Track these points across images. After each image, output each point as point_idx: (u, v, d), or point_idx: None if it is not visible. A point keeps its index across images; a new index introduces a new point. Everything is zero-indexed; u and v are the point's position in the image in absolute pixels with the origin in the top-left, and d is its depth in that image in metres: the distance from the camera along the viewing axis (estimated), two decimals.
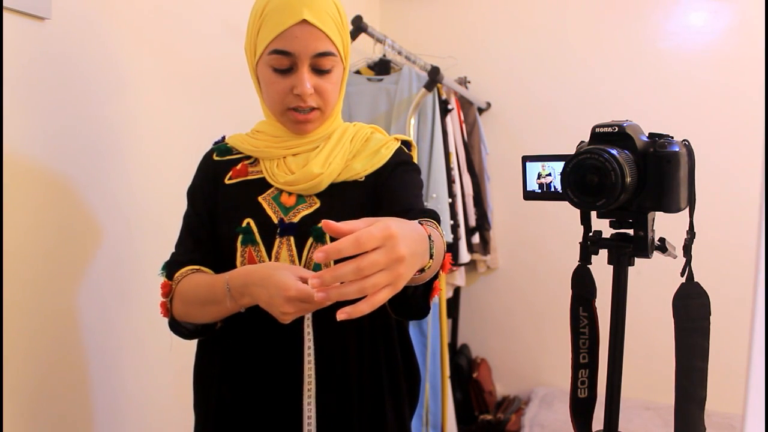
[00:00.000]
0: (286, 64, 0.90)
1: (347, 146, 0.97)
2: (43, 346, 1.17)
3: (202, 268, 0.96)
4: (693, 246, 0.83)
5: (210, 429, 0.99)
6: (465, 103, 2.57)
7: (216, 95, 1.63)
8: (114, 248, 1.33)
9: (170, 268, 0.98)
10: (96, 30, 1.27)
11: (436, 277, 0.84)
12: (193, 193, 1.04)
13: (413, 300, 0.87)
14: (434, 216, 0.90)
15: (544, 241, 2.65)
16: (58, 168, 1.18)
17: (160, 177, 1.44)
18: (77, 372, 1.25)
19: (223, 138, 1.07)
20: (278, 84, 0.92)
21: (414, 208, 0.91)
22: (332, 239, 0.89)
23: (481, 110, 2.70)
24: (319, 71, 0.92)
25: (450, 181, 2.15)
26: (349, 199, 0.95)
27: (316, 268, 0.91)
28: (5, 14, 1.05)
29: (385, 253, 0.57)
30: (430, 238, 0.69)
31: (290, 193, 0.95)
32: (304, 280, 0.78)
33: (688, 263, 0.82)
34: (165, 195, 1.43)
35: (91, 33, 1.25)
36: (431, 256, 0.69)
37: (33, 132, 1.12)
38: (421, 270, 0.69)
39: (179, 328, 0.97)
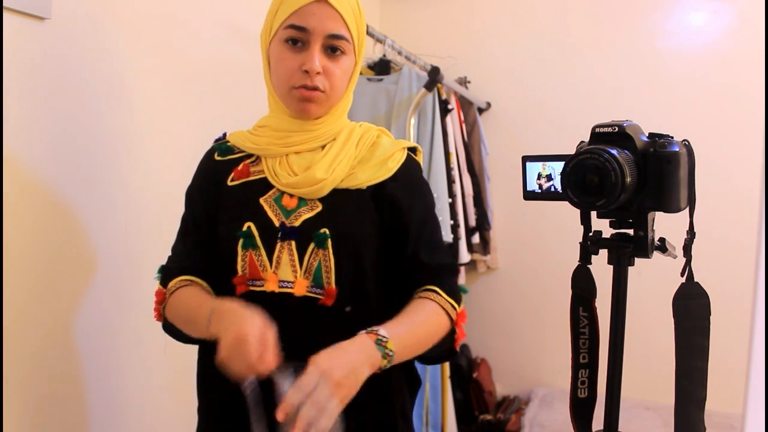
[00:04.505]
0: (300, 38, 0.90)
1: (352, 151, 0.96)
2: (42, 346, 1.16)
3: (196, 279, 0.97)
4: (693, 246, 0.83)
5: (212, 430, 0.99)
6: (465, 103, 2.57)
7: (216, 96, 1.63)
8: (113, 249, 1.33)
9: (165, 275, 0.99)
10: (96, 30, 1.27)
11: (454, 331, 0.94)
12: (191, 194, 1.03)
13: (438, 350, 0.94)
14: (448, 271, 0.97)
15: (544, 241, 2.65)
16: (57, 168, 1.18)
17: (159, 177, 1.44)
18: (77, 372, 1.25)
19: (224, 135, 1.06)
20: (288, 60, 0.91)
21: (424, 264, 0.96)
22: (334, 245, 0.90)
23: (481, 110, 2.70)
24: (330, 54, 0.92)
25: (450, 181, 2.15)
26: (351, 204, 0.94)
27: (317, 272, 0.90)
28: (5, 14, 1.05)
29: (323, 387, 0.73)
30: (379, 342, 0.81)
31: (292, 195, 0.94)
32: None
33: (688, 263, 0.82)
34: (164, 196, 1.43)
35: (91, 33, 1.25)
36: (385, 356, 0.81)
37: (32, 132, 1.12)
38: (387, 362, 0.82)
39: (173, 331, 0.98)
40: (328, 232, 0.91)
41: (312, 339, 0.91)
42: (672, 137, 0.80)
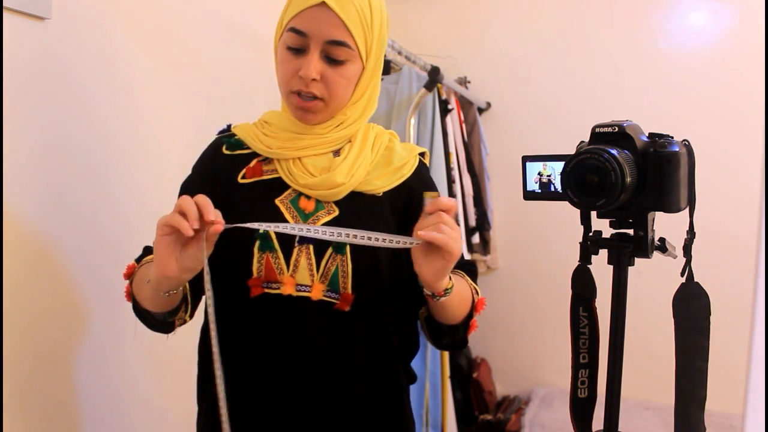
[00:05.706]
0: (299, 44, 0.89)
1: (369, 156, 0.96)
2: (42, 344, 1.16)
3: None
4: (693, 246, 0.83)
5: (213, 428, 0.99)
6: (465, 103, 2.57)
7: (217, 95, 1.63)
8: (114, 248, 1.33)
9: (142, 253, 0.97)
10: (96, 30, 1.27)
11: (472, 315, 0.96)
12: (190, 187, 1.01)
13: (451, 335, 0.97)
14: (470, 268, 1.02)
15: (544, 241, 2.65)
16: (57, 168, 1.18)
17: (161, 176, 1.44)
18: (77, 371, 1.25)
19: (229, 127, 1.04)
20: (288, 63, 0.90)
21: None
22: (352, 250, 0.91)
23: (481, 110, 2.70)
24: (331, 61, 0.89)
25: (450, 181, 2.15)
26: (367, 210, 0.95)
27: (334, 277, 0.91)
28: (5, 14, 1.05)
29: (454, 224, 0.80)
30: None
31: (308, 198, 0.94)
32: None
33: (688, 263, 0.83)
34: (166, 195, 1.42)
35: (91, 33, 1.25)
36: (448, 286, 0.87)
37: (33, 132, 1.12)
38: (438, 296, 0.86)
39: (143, 315, 0.94)
40: None
41: (323, 341, 0.92)
42: (672, 137, 0.80)
